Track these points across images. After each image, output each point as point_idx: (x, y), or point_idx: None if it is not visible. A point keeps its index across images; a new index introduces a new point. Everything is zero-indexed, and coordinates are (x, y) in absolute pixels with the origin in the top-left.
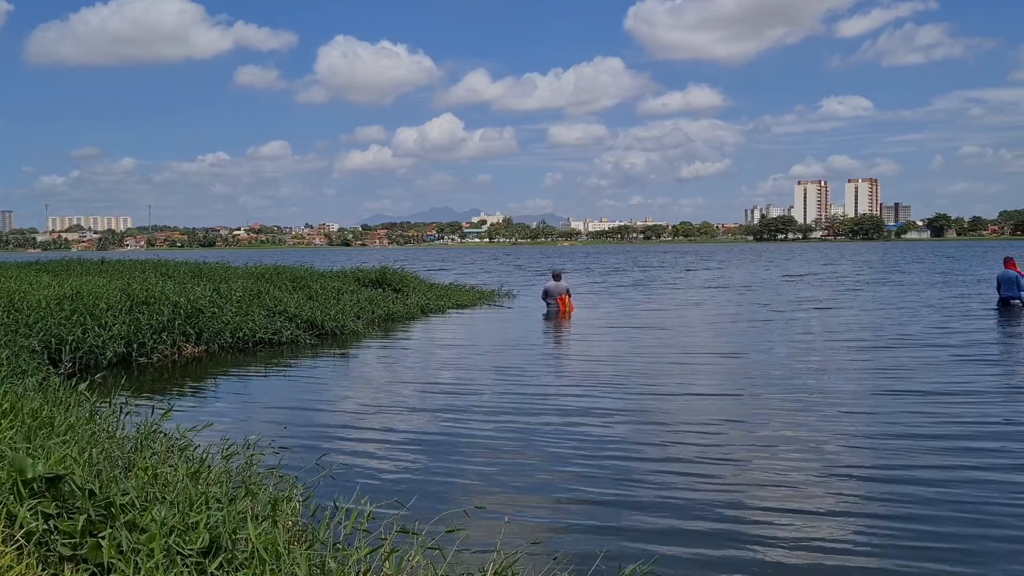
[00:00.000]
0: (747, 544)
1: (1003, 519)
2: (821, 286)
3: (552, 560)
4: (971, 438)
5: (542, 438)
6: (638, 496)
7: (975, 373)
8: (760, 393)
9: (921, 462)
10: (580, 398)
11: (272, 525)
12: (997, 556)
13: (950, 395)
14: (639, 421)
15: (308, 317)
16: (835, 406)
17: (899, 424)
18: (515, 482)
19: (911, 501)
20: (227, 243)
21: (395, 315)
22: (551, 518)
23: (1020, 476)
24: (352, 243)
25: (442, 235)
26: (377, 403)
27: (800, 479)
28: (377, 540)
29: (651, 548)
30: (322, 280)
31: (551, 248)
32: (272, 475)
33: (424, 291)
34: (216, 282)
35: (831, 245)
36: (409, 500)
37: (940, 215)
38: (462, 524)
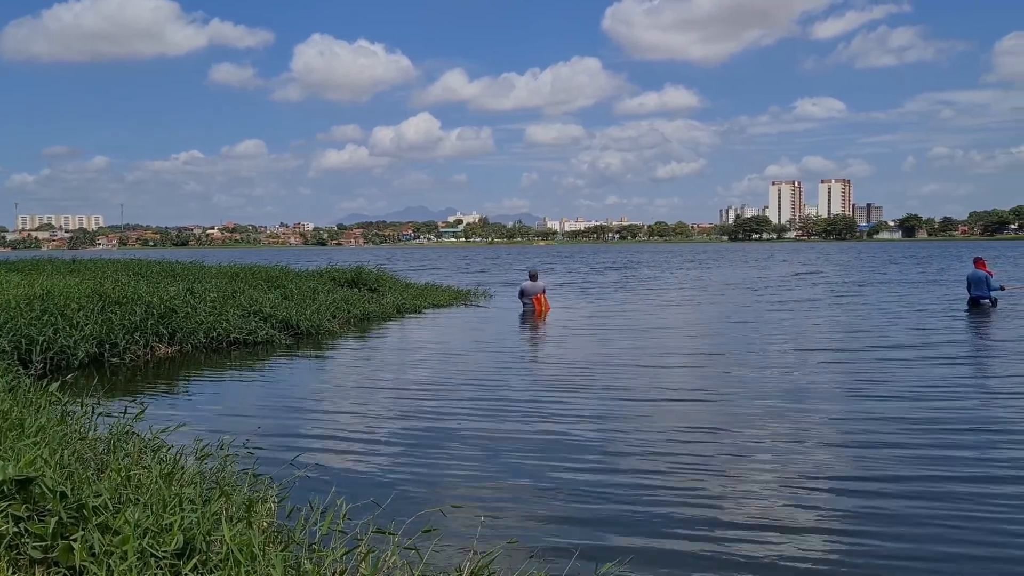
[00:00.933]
0: (722, 542)
1: (978, 532)
2: (801, 287)
3: (528, 558)
4: (946, 446)
5: (518, 438)
6: (614, 496)
7: (949, 376)
8: (736, 395)
9: (894, 471)
10: (556, 398)
11: (247, 526)
12: (975, 567)
13: (924, 400)
14: (615, 422)
15: (283, 317)
16: (811, 410)
17: (873, 431)
18: (491, 482)
19: (882, 508)
20: (201, 242)
21: (371, 315)
22: (527, 517)
23: (994, 486)
24: (328, 243)
25: (418, 235)
26: (353, 403)
27: (773, 480)
28: (353, 541)
29: (626, 547)
30: (297, 280)
31: (528, 248)
32: (247, 476)
33: (400, 291)
34: (190, 282)
35: (805, 245)
36: (385, 500)
37: (911, 216)
38: (439, 524)
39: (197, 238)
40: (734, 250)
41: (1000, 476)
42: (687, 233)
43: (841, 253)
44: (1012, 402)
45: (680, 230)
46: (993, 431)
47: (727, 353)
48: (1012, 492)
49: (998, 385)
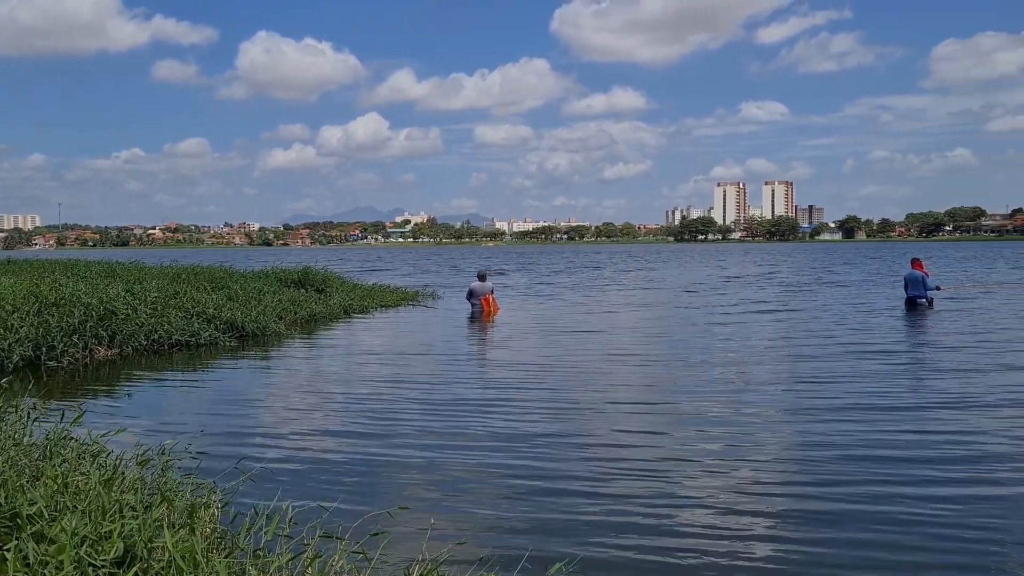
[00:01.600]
0: (669, 545)
1: (922, 536)
2: (749, 288)
3: (478, 561)
4: (888, 448)
5: (466, 441)
6: (562, 498)
7: (889, 376)
8: (683, 398)
9: (838, 474)
10: (504, 401)
11: (190, 532)
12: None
13: (866, 402)
14: (563, 425)
15: (228, 318)
16: (756, 412)
17: (816, 433)
18: (440, 484)
19: (826, 510)
20: (142, 243)
21: (318, 316)
22: (477, 520)
23: (933, 488)
24: (273, 243)
25: (366, 235)
26: (299, 406)
27: (719, 483)
28: (299, 545)
29: (576, 549)
30: (242, 280)
31: (476, 248)
32: (189, 481)
33: (347, 292)
34: (130, 283)
35: (750, 246)
36: (333, 504)
37: (851, 217)
38: (387, 527)
39: (138, 238)
40: (681, 251)
41: (941, 479)
42: (634, 234)
43: (786, 254)
44: (951, 403)
45: (627, 231)
46: (933, 432)
47: (675, 355)
48: (954, 494)
49: (939, 386)
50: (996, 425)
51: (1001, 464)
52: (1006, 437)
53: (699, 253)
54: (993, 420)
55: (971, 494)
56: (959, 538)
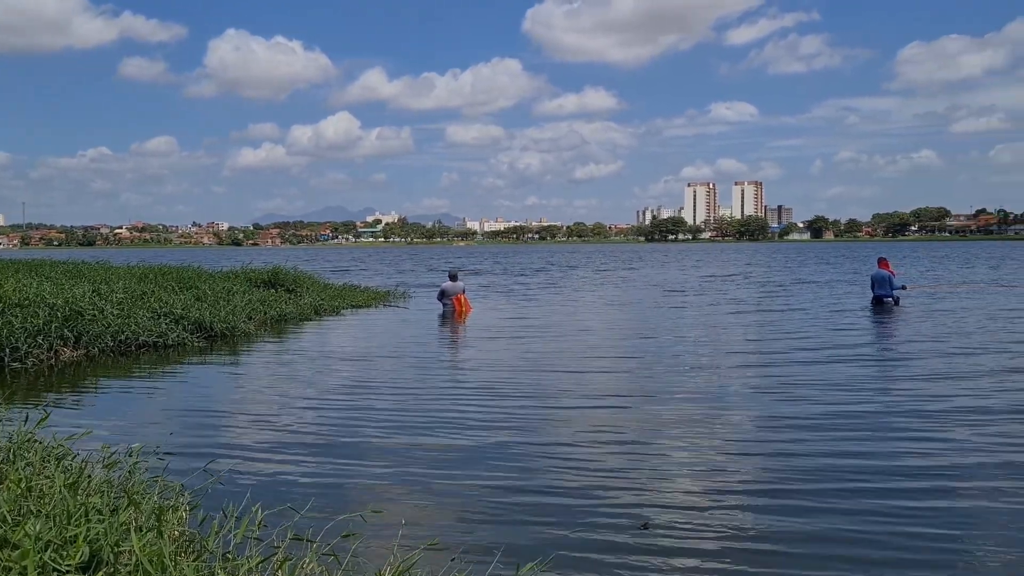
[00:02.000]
0: (640, 545)
1: (890, 537)
2: (723, 288)
3: (450, 561)
4: (857, 452)
5: (438, 442)
6: (534, 498)
7: (858, 377)
8: (655, 399)
9: (809, 477)
10: (476, 401)
11: (157, 536)
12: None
13: (837, 404)
14: (535, 425)
15: (196, 319)
16: (727, 413)
17: (787, 435)
18: (412, 485)
19: (796, 514)
20: (108, 242)
21: (288, 316)
22: (448, 520)
23: (904, 490)
24: (243, 243)
25: (336, 235)
26: (269, 407)
27: (690, 485)
28: (270, 548)
29: (547, 548)
30: (211, 280)
31: (448, 248)
32: (157, 483)
33: (318, 291)
34: (96, 283)
35: (721, 246)
36: (303, 506)
37: (819, 217)
38: (358, 529)
39: (105, 238)
40: (653, 251)
41: (908, 487)
42: (605, 234)
43: (757, 254)
44: (919, 404)
45: (598, 231)
46: (901, 434)
47: (647, 355)
48: (918, 493)
49: (907, 387)
50: (962, 425)
51: (970, 466)
52: (973, 439)
53: (671, 253)
54: (960, 422)
55: (938, 499)
56: (928, 548)
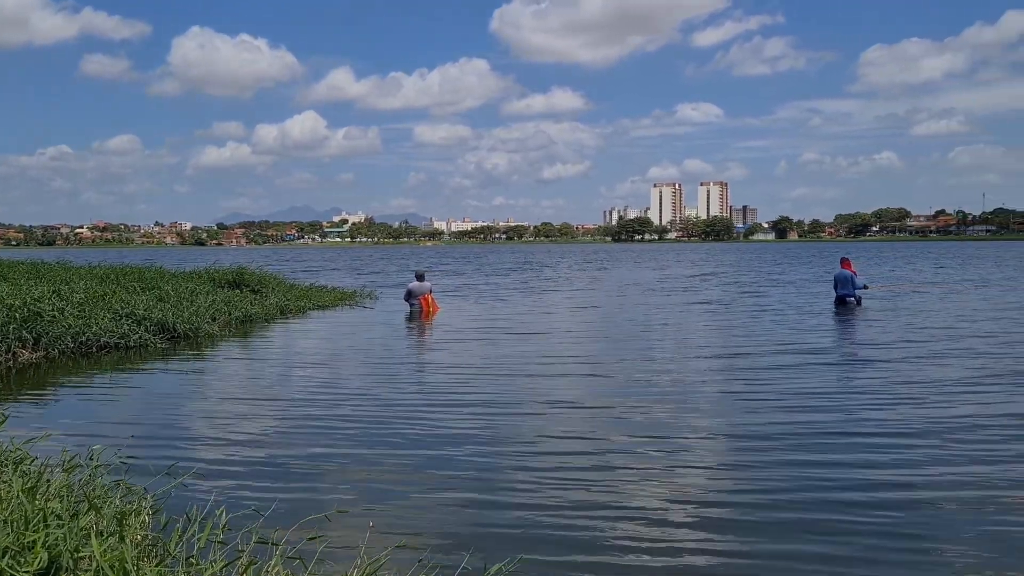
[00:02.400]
0: (607, 547)
1: (861, 544)
2: (691, 289)
3: (418, 563)
4: (825, 453)
5: (405, 442)
6: (503, 499)
7: (825, 379)
8: (622, 402)
9: (777, 481)
10: (443, 402)
11: (119, 541)
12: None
13: (804, 408)
14: (502, 427)
15: (159, 319)
16: (695, 418)
17: (754, 439)
18: (378, 486)
19: (763, 518)
20: (68, 242)
21: (253, 317)
22: (416, 521)
23: (873, 494)
24: (207, 242)
25: (302, 235)
26: (233, 409)
27: (657, 489)
28: (234, 552)
29: (516, 550)
30: (174, 281)
31: (416, 248)
32: (119, 487)
33: (284, 292)
34: (56, 283)
35: (686, 246)
36: (268, 509)
37: (784, 218)
38: (324, 531)
39: (65, 237)
40: (620, 251)
41: (877, 496)
42: (572, 234)
43: (725, 254)
44: (883, 406)
45: (565, 231)
46: (865, 439)
47: (615, 358)
48: (889, 500)
49: (870, 389)
50: (928, 429)
51: (932, 467)
52: (940, 443)
53: (638, 253)
54: (926, 426)
55: (904, 498)
56: (893, 547)
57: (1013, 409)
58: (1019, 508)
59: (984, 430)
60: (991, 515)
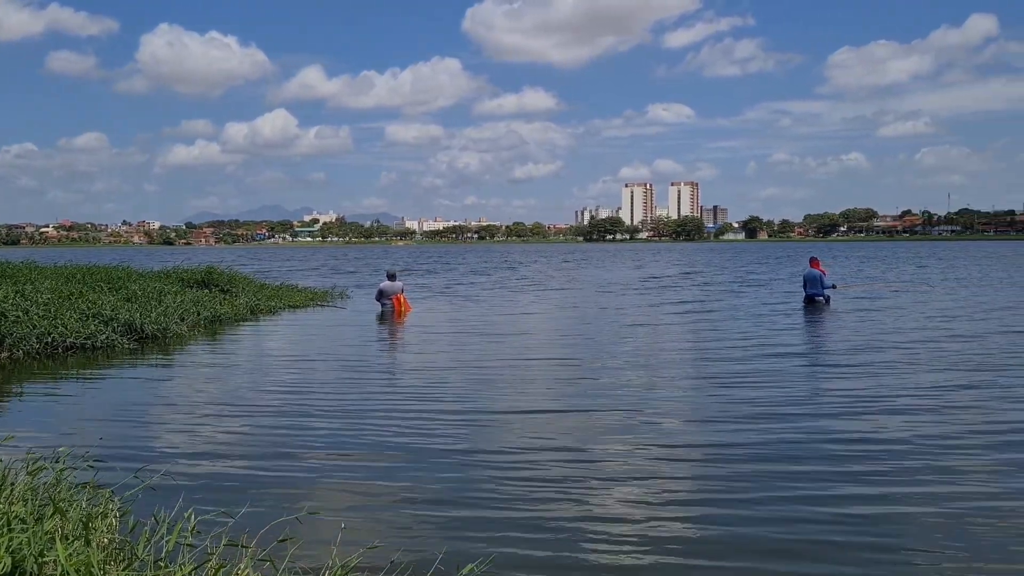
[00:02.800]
0: (581, 544)
1: (832, 542)
2: (665, 289)
3: (390, 564)
4: (794, 460)
5: (377, 444)
6: (475, 499)
7: (796, 381)
8: (593, 404)
9: (745, 488)
10: (415, 404)
11: (85, 545)
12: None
13: (775, 414)
14: (476, 428)
15: (126, 320)
16: (664, 418)
17: (727, 443)
18: (350, 488)
19: (731, 524)
20: (34, 241)
21: (222, 317)
22: (388, 522)
23: (843, 502)
24: (175, 242)
25: (273, 234)
26: (203, 410)
27: (628, 491)
28: (203, 555)
29: (489, 549)
30: (142, 281)
31: (388, 248)
32: (85, 490)
33: (254, 291)
34: (20, 283)
35: (658, 246)
36: (239, 511)
37: (753, 218)
38: (295, 532)
39: (30, 236)
40: (592, 251)
41: (844, 511)
42: (544, 234)
43: (697, 253)
44: (851, 407)
45: (537, 231)
46: (835, 438)
47: (589, 358)
48: (860, 500)
49: (839, 388)
50: (895, 427)
51: (902, 470)
52: (906, 441)
53: (611, 253)
54: (892, 424)
55: (871, 504)
56: (861, 557)
57: (981, 416)
58: (991, 520)
59: (954, 439)
60: (962, 527)
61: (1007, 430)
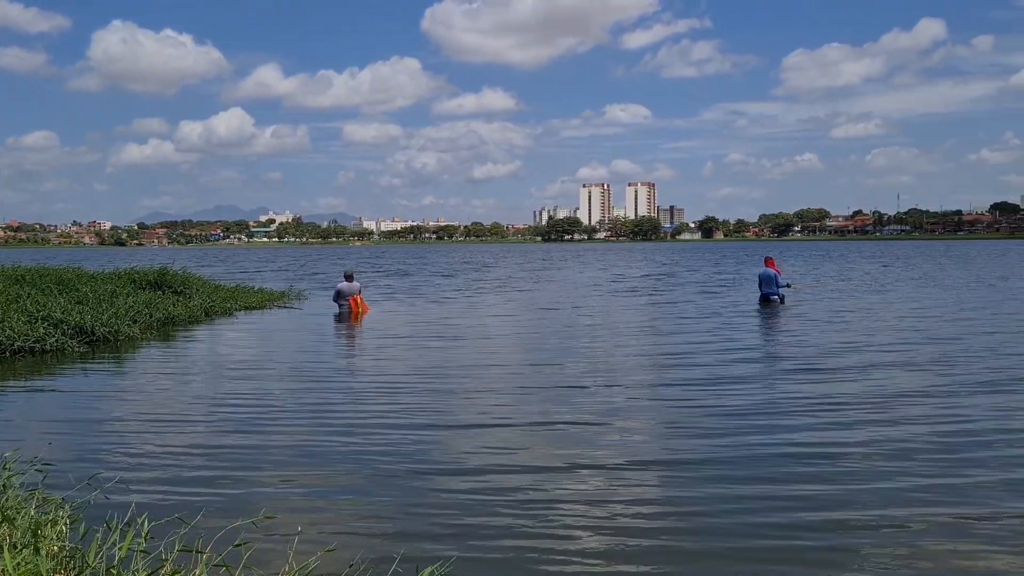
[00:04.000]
0: (541, 548)
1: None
2: (628, 291)
3: (348, 567)
4: (750, 455)
5: (334, 446)
6: (432, 503)
7: (753, 380)
8: (551, 409)
9: (706, 498)
10: (372, 407)
11: (33, 553)
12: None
13: (732, 412)
14: (431, 431)
15: (77, 322)
16: (623, 426)
17: (686, 448)
18: (307, 491)
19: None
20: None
21: (176, 319)
22: (346, 525)
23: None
24: (127, 242)
25: (228, 234)
26: (156, 414)
27: (586, 495)
28: (157, 561)
29: (449, 551)
30: (93, 282)
31: (347, 248)
32: (35, 497)
33: (208, 293)
34: None
35: (615, 245)
36: (194, 516)
37: (709, 218)
38: (252, 537)
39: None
40: (551, 251)
41: (799, 517)
42: (502, 234)
43: (656, 253)
44: (807, 406)
45: (495, 231)
46: (791, 441)
47: (549, 362)
48: (808, 501)
49: (794, 389)
50: (850, 426)
51: (857, 471)
52: (860, 440)
53: (570, 253)
54: (846, 423)
55: (828, 508)
56: (818, 560)
57: (929, 411)
58: (946, 528)
59: (906, 442)
60: (917, 535)
61: (957, 431)
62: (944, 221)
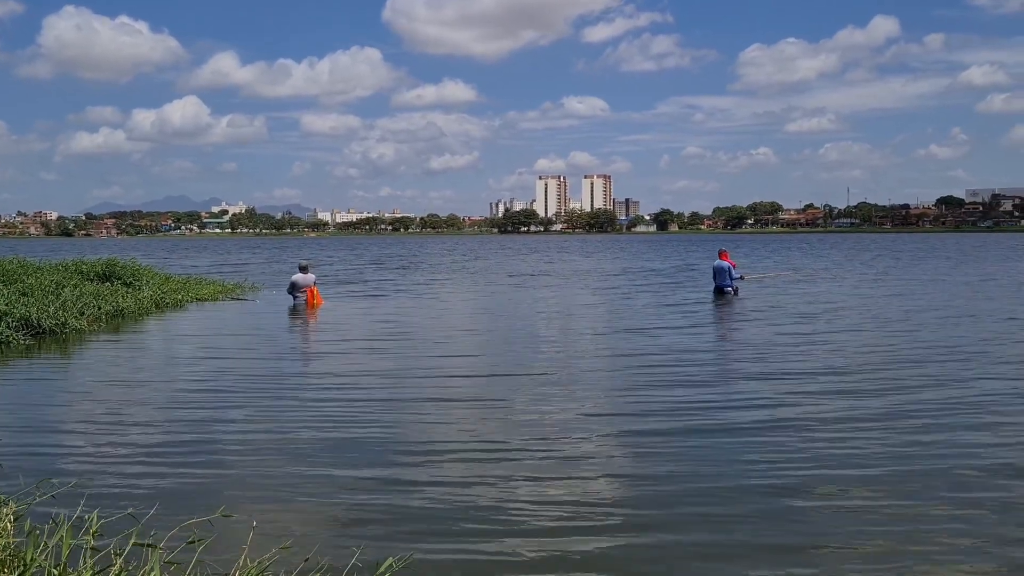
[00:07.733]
0: (501, 543)
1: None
2: (578, 281)
3: (304, 562)
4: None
5: (290, 444)
6: (392, 498)
7: (709, 376)
8: (515, 400)
9: (673, 495)
10: (330, 402)
11: None
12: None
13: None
14: (391, 426)
15: (22, 315)
16: (584, 419)
17: (642, 440)
18: (264, 488)
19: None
20: None
21: (125, 311)
22: (303, 522)
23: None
24: (75, 233)
25: (179, 225)
26: (105, 409)
27: (550, 489)
28: (107, 558)
29: (407, 547)
30: (38, 274)
31: (302, 239)
32: None
33: (159, 284)
34: None
35: (571, 238)
36: (146, 513)
37: (665, 211)
38: (206, 533)
39: None
40: (507, 242)
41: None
42: (459, 225)
43: (614, 244)
44: (762, 401)
45: (452, 222)
46: (745, 435)
47: (506, 355)
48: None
49: (747, 386)
50: (809, 422)
51: (813, 471)
52: (815, 440)
53: (525, 245)
54: (804, 420)
55: (787, 512)
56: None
57: (879, 403)
58: (891, 516)
59: (854, 430)
60: (862, 520)
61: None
62: (892, 215)
